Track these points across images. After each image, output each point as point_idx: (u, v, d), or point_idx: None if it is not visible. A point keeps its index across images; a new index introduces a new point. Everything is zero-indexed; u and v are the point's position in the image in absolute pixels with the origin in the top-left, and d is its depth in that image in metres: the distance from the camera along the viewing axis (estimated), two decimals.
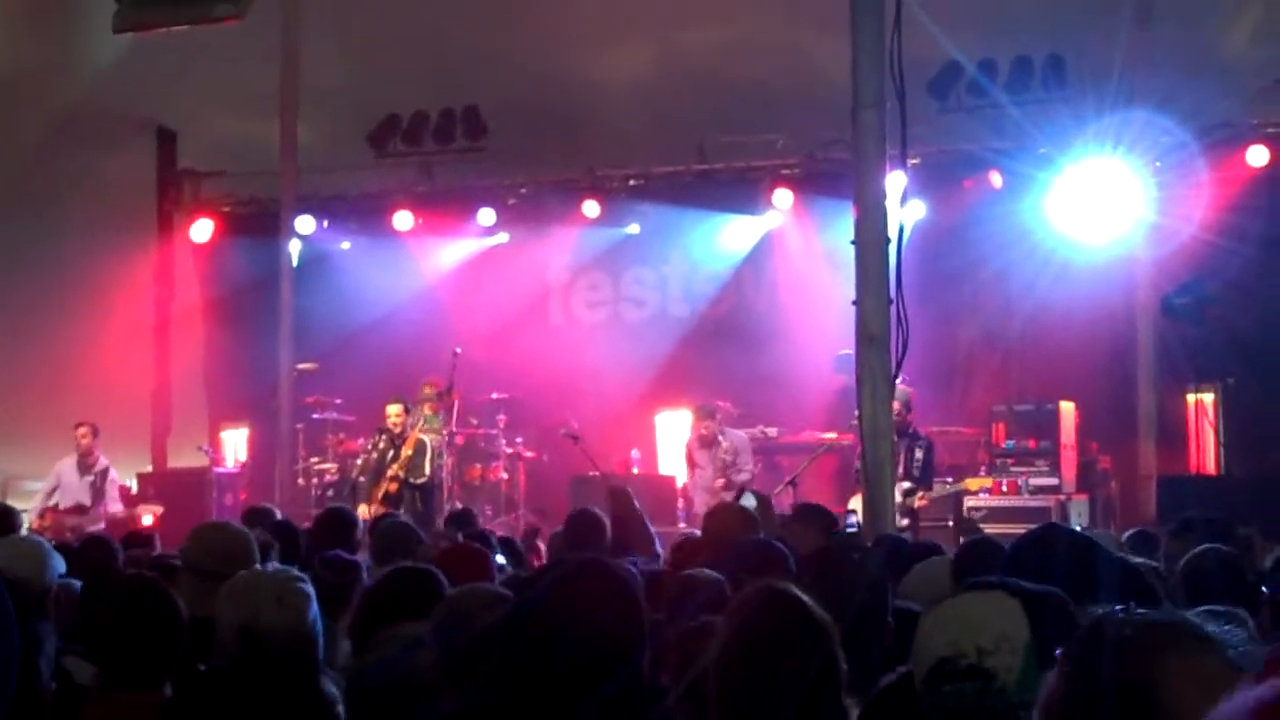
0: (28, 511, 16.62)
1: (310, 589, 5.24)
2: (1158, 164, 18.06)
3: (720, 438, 17.68)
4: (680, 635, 4.84)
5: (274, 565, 5.72)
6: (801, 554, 6.46)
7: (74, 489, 17.80)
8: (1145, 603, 4.16)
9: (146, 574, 6.10)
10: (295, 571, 5.53)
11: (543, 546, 11.70)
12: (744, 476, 17.28)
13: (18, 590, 5.37)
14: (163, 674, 5.30)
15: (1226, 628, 2.25)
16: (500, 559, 7.91)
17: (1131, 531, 9.97)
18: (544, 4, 21.07)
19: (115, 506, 17.83)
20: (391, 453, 17.62)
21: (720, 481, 17.30)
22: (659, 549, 9.75)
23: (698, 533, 9.32)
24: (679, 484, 18.95)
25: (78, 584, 6.91)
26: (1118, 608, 2.32)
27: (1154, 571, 6.54)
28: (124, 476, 19.03)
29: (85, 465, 17.91)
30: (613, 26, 21.20)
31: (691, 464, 18.03)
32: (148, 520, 17.39)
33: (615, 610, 3.31)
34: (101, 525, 17.06)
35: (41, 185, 20.99)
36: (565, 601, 3.27)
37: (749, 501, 9.90)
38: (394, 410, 17.88)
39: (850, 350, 14.61)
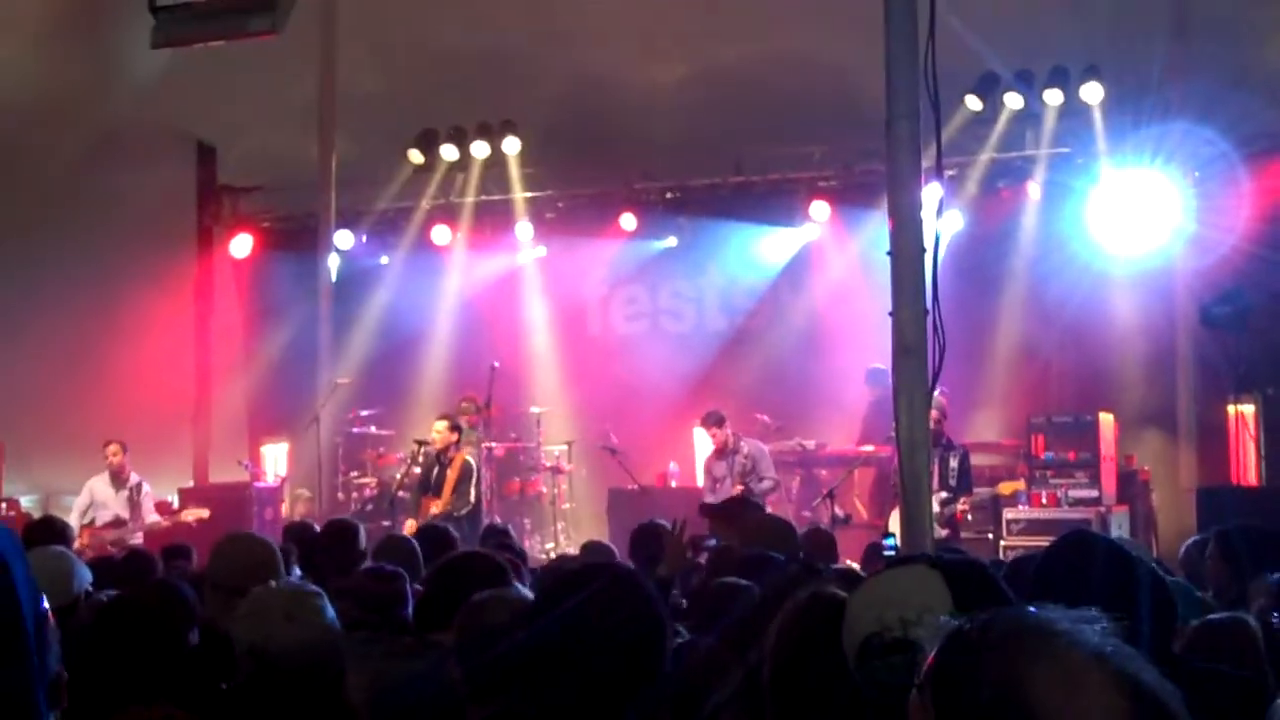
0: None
1: (324, 600, 5.22)
2: (1197, 174, 17.98)
3: (741, 445, 17.47)
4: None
5: (287, 580, 5.68)
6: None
7: (110, 504, 17.79)
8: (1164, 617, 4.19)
9: (142, 591, 6.07)
10: (308, 585, 5.52)
11: None
12: (766, 485, 17.03)
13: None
14: (159, 690, 5.27)
15: (1078, 615, 2.23)
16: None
17: (1190, 542, 9.83)
18: (580, 18, 21.09)
19: (152, 518, 17.85)
20: (436, 470, 17.34)
21: (738, 488, 16.80)
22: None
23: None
24: None
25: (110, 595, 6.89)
26: (964, 620, 2.29)
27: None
28: (166, 492, 19.06)
29: (119, 481, 17.91)
30: (649, 41, 21.25)
31: (710, 479, 17.66)
32: (190, 518, 17.49)
33: (641, 622, 3.30)
34: (140, 537, 17.13)
35: (82, 202, 21.12)
36: (591, 613, 3.25)
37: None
38: (440, 427, 17.34)
39: (881, 364, 14.62)
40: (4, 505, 19.58)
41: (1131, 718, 2.11)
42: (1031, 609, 2.26)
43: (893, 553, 10.87)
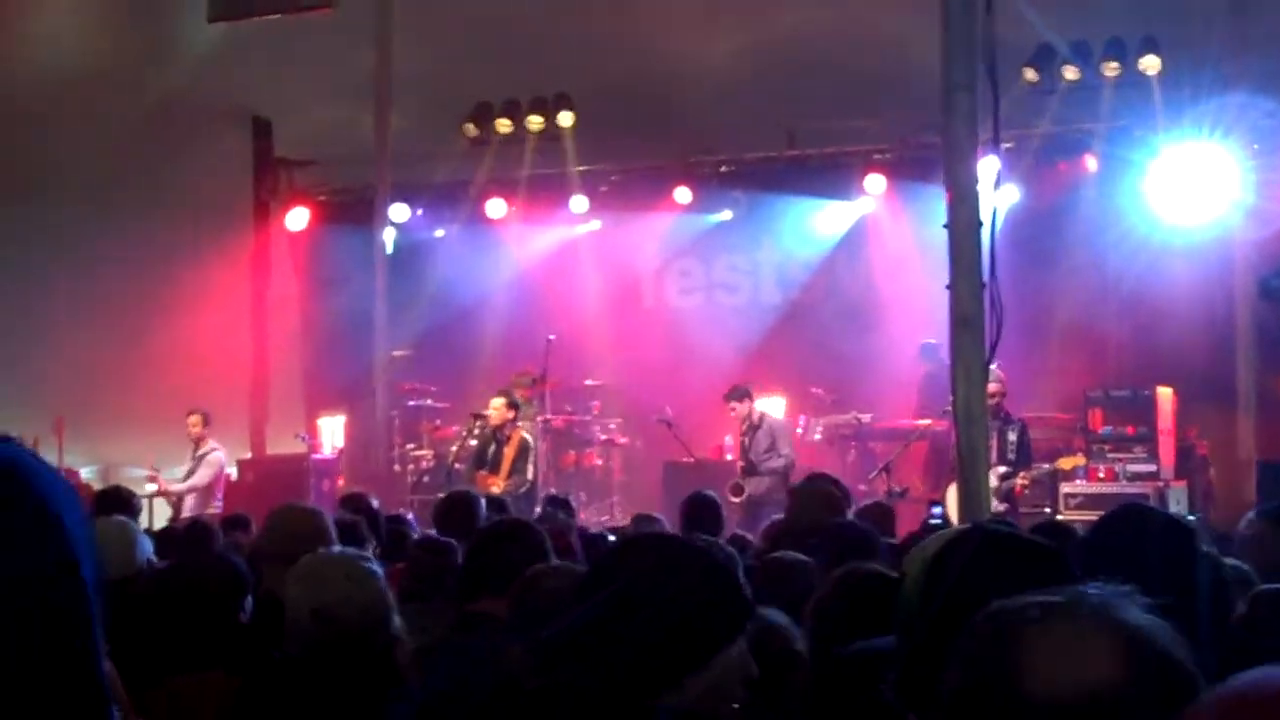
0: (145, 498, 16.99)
1: (377, 568, 5.25)
2: (1256, 147, 17.85)
3: (762, 421, 17.50)
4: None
5: (338, 548, 5.72)
6: None
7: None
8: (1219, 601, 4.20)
9: (192, 566, 6.14)
10: (361, 552, 5.56)
11: None
12: (775, 463, 17.09)
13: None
14: (205, 660, 5.34)
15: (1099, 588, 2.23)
16: None
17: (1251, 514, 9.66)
18: None
19: (184, 484, 18.17)
20: (493, 447, 17.39)
21: (739, 464, 17.28)
22: None
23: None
24: None
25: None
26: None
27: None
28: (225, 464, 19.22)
29: (193, 452, 18.22)
30: (703, 12, 21.18)
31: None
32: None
33: (713, 593, 3.29)
34: (190, 501, 17.54)
35: (139, 174, 21.19)
36: (661, 585, 3.23)
37: None
38: (497, 404, 17.47)
39: (934, 339, 14.55)
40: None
41: (1126, 670, 2.10)
42: (1077, 589, 2.24)
43: (939, 521, 10.87)
